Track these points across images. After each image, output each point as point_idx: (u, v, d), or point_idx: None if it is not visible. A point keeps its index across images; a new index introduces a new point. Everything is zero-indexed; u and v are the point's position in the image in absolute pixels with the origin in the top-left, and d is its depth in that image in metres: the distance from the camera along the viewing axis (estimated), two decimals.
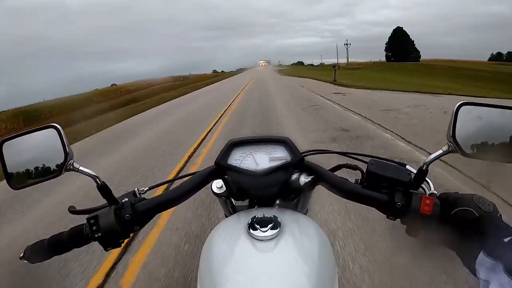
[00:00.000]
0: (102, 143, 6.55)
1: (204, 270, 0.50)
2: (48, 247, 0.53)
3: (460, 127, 0.47)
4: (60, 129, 0.52)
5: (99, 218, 0.52)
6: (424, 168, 0.49)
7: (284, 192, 0.61)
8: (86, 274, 1.98)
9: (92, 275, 1.96)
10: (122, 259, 2.09)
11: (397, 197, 0.50)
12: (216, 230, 0.56)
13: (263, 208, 0.60)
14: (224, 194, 0.62)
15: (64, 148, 0.51)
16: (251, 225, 0.49)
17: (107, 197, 0.53)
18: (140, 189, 0.59)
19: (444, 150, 0.49)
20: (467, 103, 0.47)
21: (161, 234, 2.35)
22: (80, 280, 1.93)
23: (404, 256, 1.74)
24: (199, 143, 5.25)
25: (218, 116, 8.00)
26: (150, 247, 2.20)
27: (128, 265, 2.03)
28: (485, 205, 0.45)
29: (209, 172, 0.60)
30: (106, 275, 1.95)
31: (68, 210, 0.56)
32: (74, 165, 0.52)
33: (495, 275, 0.38)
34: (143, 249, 2.18)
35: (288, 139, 0.58)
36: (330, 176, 0.57)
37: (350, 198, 0.54)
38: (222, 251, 0.49)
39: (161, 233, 2.36)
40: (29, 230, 2.75)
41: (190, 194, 0.58)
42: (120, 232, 0.53)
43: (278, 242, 0.47)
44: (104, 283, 1.89)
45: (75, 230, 0.54)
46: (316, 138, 4.90)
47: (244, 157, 0.58)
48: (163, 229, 2.40)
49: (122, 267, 2.01)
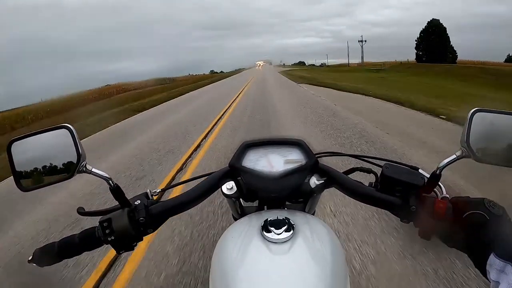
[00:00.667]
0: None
1: (216, 272, 0.50)
2: (58, 250, 0.52)
3: (474, 133, 0.48)
4: (73, 129, 0.50)
5: (112, 221, 0.51)
6: (438, 172, 0.51)
7: (295, 194, 0.61)
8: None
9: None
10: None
11: (411, 200, 0.51)
12: (228, 232, 0.56)
13: (273, 210, 0.60)
14: (234, 195, 0.62)
15: (77, 149, 0.50)
16: (265, 227, 0.49)
17: (120, 199, 0.53)
18: (153, 190, 0.58)
19: (457, 155, 0.50)
20: (481, 109, 0.49)
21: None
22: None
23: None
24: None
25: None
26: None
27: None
28: (496, 209, 0.46)
29: (222, 173, 0.59)
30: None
31: (77, 212, 0.54)
32: (87, 167, 0.51)
33: (505, 276, 0.39)
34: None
35: (303, 141, 0.58)
36: (344, 179, 0.57)
37: (364, 201, 0.55)
38: (235, 253, 0.49)
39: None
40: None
41: (204, 196, 0.57)
42: (133, 235, 0.52)
43: (293, 245, 0.47)
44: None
45: (87, 232, 0.53)
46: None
47: (257, 158, 0.58)
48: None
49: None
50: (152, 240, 2.21)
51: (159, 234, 2.26)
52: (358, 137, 4.83)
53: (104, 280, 1.94)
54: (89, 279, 1.93)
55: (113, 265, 2.05)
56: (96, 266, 2.02)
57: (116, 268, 2.03)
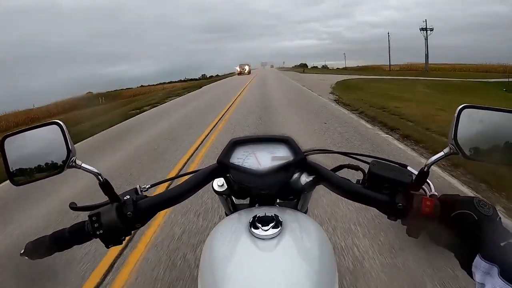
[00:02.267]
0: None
1: (205, 268, 0.50)
2: (49, 243, 0.53)
3: (462, 129, 0.47)
4: (63, 125, 0.52)
5: (101, 215, 0.52)
6: (425, 169, 0.50)
7: (285, 191, 0.62)
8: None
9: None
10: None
11: (398, 198, 0.51)
12: (217, 228, 0.57)
13: (264, 207, 0.60)
14: (225, 192, 0.63)
15: (67, 145, 0.51)
16: (253, 223, 0.50)
17: (109, 194, 0.54)
18: (142, 186, 0.59)
19: (445, 152, 0.49)
20: (468, 106, 0.48)
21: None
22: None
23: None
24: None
25: None
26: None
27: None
28: (485, 209, 0.45)
29: (211, 170, 0.60)
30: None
31: (69, 207, 0.56)
32: (76, 162, 0.52)
33: (490, 279, 0.39)
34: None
35: (290, 138, 0.58)
36: (332, 176, 0.57)
37: (351, 198, 0.55)
38: (224, 249, 0.50)
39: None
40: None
41: (192, 192, 0.58)
42: (122, 229, 0.53)
43: (280, 241, 0.48)
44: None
45: (77, 226, 0.54)
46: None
47: (246, 156, 0.58)
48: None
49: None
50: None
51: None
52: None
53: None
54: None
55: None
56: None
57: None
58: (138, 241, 2.22)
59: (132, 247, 2.17)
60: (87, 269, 1.99)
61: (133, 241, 2.21)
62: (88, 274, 1.94)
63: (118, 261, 2.04)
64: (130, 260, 2.05)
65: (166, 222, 2.45)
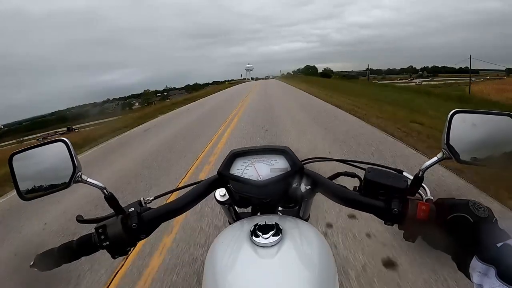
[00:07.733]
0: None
1: (208, 276, 0.51)
2: (57, 255, 0.55)
3: (454, 134, 0.48)
4: (69, 142, 0.54)
5: (107, 227, 0.54)
6: (420, 174, 0.51)
7: (285, 199, 0.63)
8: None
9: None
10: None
11: (393, 203, 0.51)
12: (219, 237, 0.58)
13: (265, 215, 0.61)
14: (227, 202, 0.64)
15: (73, 161, 0.53)
16: (254, 232, 0.51)
17: (114, 207, 0.55)
18: (146, 198, 0.61)
19: (439, 157, 0.50)
20: (460, 110, 0.49)
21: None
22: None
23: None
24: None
25: None
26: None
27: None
28: (480, 211, 0.46)
29: (212, 181, 0.61)
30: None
31: (76, 220, 0.57)
32: (82, 177, 0.54)
33: (487, 280, 0.39)
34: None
35: (288, 148, 0.59)
36: (329, 184, 0.58)
37: (348, 205, 0.56)
38: (226, 258, 0.51)
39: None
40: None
41: (194, 203, 0.60)
42: (127, 240, 0.55)
43: (280, 249, 0.49)
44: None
45: (84, 238, 0.56)
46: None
47: (245, 167, 0.60)
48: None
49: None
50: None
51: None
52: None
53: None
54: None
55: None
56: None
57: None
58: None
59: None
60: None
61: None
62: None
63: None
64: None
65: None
